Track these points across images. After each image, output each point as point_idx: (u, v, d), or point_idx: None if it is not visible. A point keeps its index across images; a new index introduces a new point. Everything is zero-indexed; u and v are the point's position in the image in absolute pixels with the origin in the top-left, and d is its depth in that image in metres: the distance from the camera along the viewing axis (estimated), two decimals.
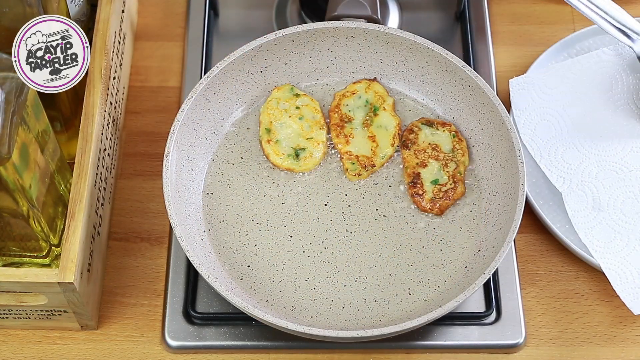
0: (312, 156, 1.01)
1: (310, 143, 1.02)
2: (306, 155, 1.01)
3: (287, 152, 1.01)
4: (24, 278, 0.87)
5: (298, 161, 1.01)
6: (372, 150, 1.01)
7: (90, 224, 0.93)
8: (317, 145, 1.02)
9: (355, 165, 1.00)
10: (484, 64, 1.13)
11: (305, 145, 1.02)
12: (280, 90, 1.04)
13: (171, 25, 1.18)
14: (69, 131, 1.01)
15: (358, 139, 1.02)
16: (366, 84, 1.04)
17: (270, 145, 1.01)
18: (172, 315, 0.98)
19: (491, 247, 0.94)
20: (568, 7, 1.19)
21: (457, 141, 1.01)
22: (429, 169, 1.00)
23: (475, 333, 0.97)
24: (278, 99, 1.04)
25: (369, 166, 1.00)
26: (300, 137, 1.02)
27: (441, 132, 1.02)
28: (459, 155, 1.00)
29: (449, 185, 0.99)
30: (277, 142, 1.02)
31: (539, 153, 1.06)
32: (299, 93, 1.04)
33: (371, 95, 1.04)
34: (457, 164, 1.00)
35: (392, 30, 1.03)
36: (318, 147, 1.02)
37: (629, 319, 0.99)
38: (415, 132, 1.02)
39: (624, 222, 1.01)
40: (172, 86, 1.13)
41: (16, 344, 0.97)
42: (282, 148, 1.01)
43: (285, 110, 1.03)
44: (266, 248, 0.97)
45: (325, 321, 0.94)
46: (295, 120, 1.02)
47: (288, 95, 1.04)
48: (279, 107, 1.03)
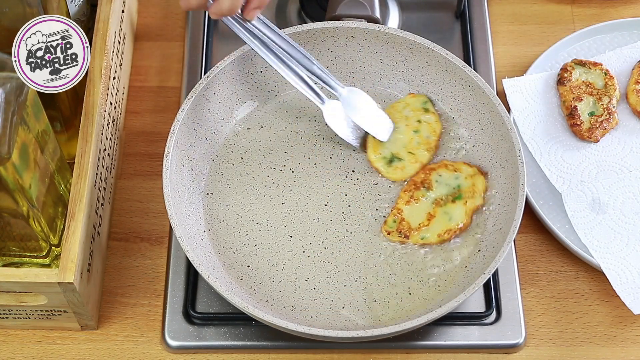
0: (404, 170, 1.00)
1: (409, 157, 1.01)
2: (398, 166, 1.00)
3: (384, 154, 1.01)
4: (24, 278, 0.87)
5: (389, 167, 1.00)
6: (420, 225, 0.97)
7: (90, 224, 0.93)
8: (414, 163, 1.00)
9: (394, 224, 0.97)
10: (484, 64, 1.13)
11: (404, 157, 1.01)
12: (415, 97, 1.04)
13: (171, 25, 1.18)
14: (69, 131, 1.01)
15: (419, 207, 0.98)
16: (474, 171, 0.99)
17: (375, 140, 1.01)
18: (172, 315, 0.98)
19: (491, 247, 0.94)
20: (568, 7, 1.19)
21: (608, 78, 1.08)
22: (585, 103, 1.05)
23: (475, 333, 0.97)
24: (407, 104, 1.03)
25: (404, 235, 0.97)
26: (405, 147, 1.01)
27: (593, 70, 1.08)
28: (611, 90, 1.07)
29: (604, 116, 1.05)
30: (381, 142, 1.01)
31: (539, 153, 1.06)
32: (429, 109, 1.03)
33: (468, 183, 0.99)
34: (610, 97, 1.07)
35: (392, 30, 1.03)
36: (414, 164, 1.00)
37: (629, 319, 0.99)
38: (569, 71, 1.08)
39: (623, 222, 1.01)
40: (172, 86, 1.13)
41: (16, 344, 0.97)
42: (383, 148, 1.01)
43: (406, 117, 1.02)
44: (266, 248, 0.97)
45: (325, 321, 0.94)
46: (409, 130, 1.02)
47: (418, 106, 1.03)
48: (403, 112, 1.03)
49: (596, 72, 1.09)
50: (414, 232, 0.97)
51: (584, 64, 1.10)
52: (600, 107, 1.07)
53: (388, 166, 1.00)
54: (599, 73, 1.09)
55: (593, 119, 1.06)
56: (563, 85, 1.08)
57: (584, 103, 1.07)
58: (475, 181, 0.98)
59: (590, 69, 1.09)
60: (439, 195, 0.98)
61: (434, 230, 0.97)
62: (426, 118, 1.02)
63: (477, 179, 0.99)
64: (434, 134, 1.02)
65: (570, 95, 1.08)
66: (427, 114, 1.03)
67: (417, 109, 1.03)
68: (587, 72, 1.09)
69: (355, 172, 1.02)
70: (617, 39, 1.14)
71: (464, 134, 1.02)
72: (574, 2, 1.20)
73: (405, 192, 0.99)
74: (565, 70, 1.09)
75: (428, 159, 1.01)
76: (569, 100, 1.08)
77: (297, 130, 1.04)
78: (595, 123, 1.06)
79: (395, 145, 1.01)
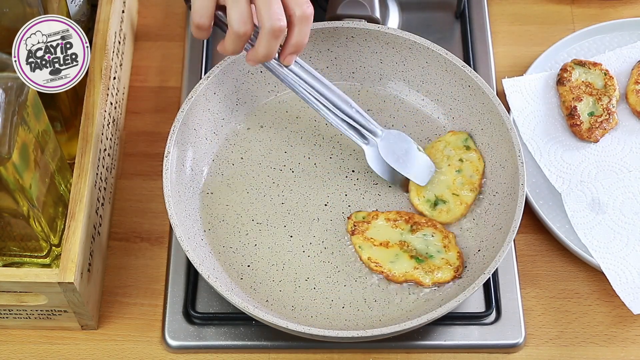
0: (449, 212, 0.98)
1: (454, 199, 0.98)
2: (443, 209, 0.98)
3: (428, 197, 0.98)
4: (24, 278, 0.87)
5: (433, 210, 0.98)
6: (384, 261, 0.95)
7: (90, 224, 0.93)
8: (460, 205, 0.98)
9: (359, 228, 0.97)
10: (484, 64, 1.13)
11: (449, 199, 0.98)
12: (455, 135, 1.01)
13: (171, 25, 1.18)
14: (69, 131, 1.01)
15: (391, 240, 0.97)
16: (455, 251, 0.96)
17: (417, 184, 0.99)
18: (172, 315, 0.98)
19: (491, 247, 0.94)
20: (568, 7, 1.19)
21: (608, 78, 1.08)
22: (584, 103, 1.04)
23: (475, 333, 0.97)
24: (447, 143, 1.01)
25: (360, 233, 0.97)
26: (448, 189, 0.99)
27: (592, 71, 1.08)
28: (611, 90, 1.07)
29: (604, 116, 1.05)
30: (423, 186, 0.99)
31: (538, 153, 1.06)
32: (470, 146, 1.01)
33: (441, 260, 0.95)
34: (610, 97, 1.06)
35: (392, 30, 1.03)
36: (459, 206, 0.98)
37: (629, 319, 0.99)
38: (569, 71, 1.08)
39: (623, 222, 1.01)
40: (172, 86, 1.13)
41: (16, 343, 0.97)
42: (426, 190, 0.99)
43: (448, 157, 1.00)
44: (266, 248, 0.97)
45: (325, 321, 0.94)
46: (451, 171, 1.00)
47: (459, 144, 1.01)
48: (444, 151, 1.01)
49: (596, 72, 1.09)
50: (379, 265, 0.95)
51: (584, 64, 1.10)
52: (599, 107, 1.07)
53: (433, 209, 0.98)
54: (598, 73, 1.09)
55: (593, 119, 1.06)
56: (563, 86, 1.08)
57: (584, 103, 1.07)
58: (449, 257, 0.96)
59: (590, 69, 1.09)
60: (413, 246, 0.96)
61: (397, 269, 0.95)
62: (468, 156, 1.00)
63: (450, 253, 0.96)
64: (477, 173, 0.99)
65: (569, 96, 1.08)
66: (469, 151, 1.00)
67: (458, 147, 1.00)
68: (587, 72, 1.09)
69: (355, 172, 1.02)
70: (617, 39, 1.14)
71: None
72: (573, 2, 1.20)
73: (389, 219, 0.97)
74: (565, 70, 1.09)
75: (472, 200, 0.98)
76: (569, 101, 1.07)
77: (297, 130, 1.04)
78: (595, 123, 1.06)
79: (439, 187, 0.99)
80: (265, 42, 0.88)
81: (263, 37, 0.87)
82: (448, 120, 1.04)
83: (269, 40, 0.88)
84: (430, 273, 0.94)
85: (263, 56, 0.89)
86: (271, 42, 0.88)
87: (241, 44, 0.89)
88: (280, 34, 0.88)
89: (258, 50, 0.89)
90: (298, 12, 0.88)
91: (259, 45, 0.89)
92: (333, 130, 1.03)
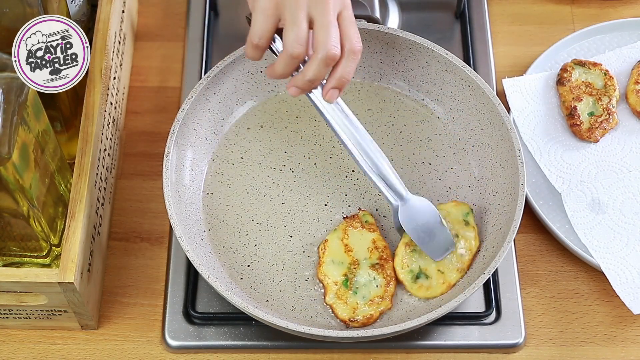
0: (429, 289, 0.93)
1: (437, 276, 0.94)
2: (424, 284, 0.94)
3: (412, 268, 0.94)
4: (24, 278, 0.87)
5: (414, 283, 0.94)
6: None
7: (90, 224, 0.93)
8: (442, 284, 0.93)
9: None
10: (484, 64, 1.13)
11: (432, 275, 0.94)
12: (457, 206, 0.97)
13: (171, 25, 1.18)
14: (69, 131, 1.01)
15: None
16: None
17: (407, 250, 0.95)
18: (172, 315, 0.98)
19: (491, 247, 0.94)
20: (568, 7, 1.19)
21: (608, 78, 1.08)
22: (584, 103, 1.05)
23: (475, 333, 0.97)
24: (448, 213, 0.96)
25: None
26: (436, 265, 0.94)
27: (592, 71, 1.08)
28: (611, 90, 1.07)
29: (604, 116, 1.06)
30: (413, 252, 0.95)
31: (538, 152, 1.06)
32: (469, 222, 0.96)
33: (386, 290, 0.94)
34: (610, 97, 1.07)
35: (392, 30, 1.03)
36: (442, 285, 0.94)
37: (628, 319, 0.99)
38: (569, 71, 1.08)
39: (623, 222, 1.01)
40: (172, 86, 1.13)
41: (16, 343, 0.97)
42: (412, 260, 0.95)
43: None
44: (266, 248, 0.97)
45: (325, 321, 0.94)
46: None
47: (459, 217, 0.96)
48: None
49: (596, 72, 1.09)
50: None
51: (584, 64, 1.10)
52: (599, 107, 1.07)
53: (413, 282, 0.94)
54: (598, 73, 1.09)
55: (593, 119, 1.06)
56: (563, 86, 1.08)
57: (584, 103, 1.07)
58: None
59: (589, 69, 1.09)
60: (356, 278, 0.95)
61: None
62: (465, 234, 0.95)
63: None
64: (469, 252, 0.95)
65: (569, 96, 1.08)
66: (467, 228, 0.95)
67: (458, 221, 0.96)
68: (587, 72, 1.09)
69: (355, 172, 1.02)
70: (617, 39, 1.14)
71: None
72: (573, 2, 1.20)
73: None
74: (565, 70, 1.09)
75: (456, 281, 0.94)
76: (569, 101, 1.08)
77: (297, 130, 1.04)
78: (595, 123, 1.06)
79: (426, 260, 0.95)
80: (315, 67, 0.87)
81: (314, 61, 0.86)
82: (448, 120, 1.04)
83: (319, 65, 0.86)
84: (347, 306, 0.93)
85: (309, 80, 0.88)
86: (321, 68, 0.87)
87: (292, 66, 0.88)
88: (332, 62, 0.86)
89: (306, 74, 0.87)
90: (348, 46, 0.87)
91: (308, 68, 0.87)
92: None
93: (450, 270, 0.94)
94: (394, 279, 0.94)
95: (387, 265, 0.94)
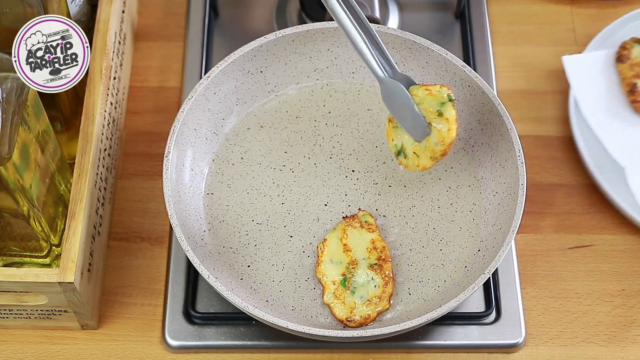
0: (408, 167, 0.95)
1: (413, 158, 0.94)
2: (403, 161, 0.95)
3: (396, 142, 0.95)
4: (24, 278, 0.87)
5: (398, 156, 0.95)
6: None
7: (90, 224, 0.93)
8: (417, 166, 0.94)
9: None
10: (484, 64, 1.13)
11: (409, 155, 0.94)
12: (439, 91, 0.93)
13: (171, 25, 1.18)
14: (69, 131, 1.01)
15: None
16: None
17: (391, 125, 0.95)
18: (172, 315, 0.98)
19: (491, 247, 0.94)
20: (568, 7, 1.19)
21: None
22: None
23: (475, 333, 0.97)
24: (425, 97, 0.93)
25: None
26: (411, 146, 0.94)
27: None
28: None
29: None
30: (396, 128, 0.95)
31: (600, 128, 1.07)
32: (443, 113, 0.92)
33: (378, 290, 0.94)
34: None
35: (392, 30, 1.03)
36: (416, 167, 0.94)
37: (628, 319, 0.99)
38: (628, 49, 1.09)
39: None
40: (172, 86, 1.13)
41: (16, 343, 0.97)
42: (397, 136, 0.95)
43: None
44: (266, 248, 0.97)
45: (325, 321, 0.94)
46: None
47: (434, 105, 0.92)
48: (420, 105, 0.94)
49: None
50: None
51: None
52: None
53: (397, 155, 0.96)
54: None
55: None
56: (622, 63, 1.10)
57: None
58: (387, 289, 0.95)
59: None
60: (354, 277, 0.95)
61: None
62: (436, 124, 0.92)
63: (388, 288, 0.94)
64: (442, 145, 0.92)
65: (629, 73, 1.09)
66: (440, 119, 0.91)
67: (430, 111, 0.92)
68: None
69: (355, 172, 1.02)
70: None
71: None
72: (573, 2, 1.20)
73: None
74: (624, 48, 1.10)
75: (431, 166, 0.94)
76: (629, 78, 1.09)
77: (297, 130, 1.05)
78: None
79: (406, 139, 0.94)
80: None
81: None
82: None
83: None
84: (344, 306, 0.93)
85: None
86: None
87: None
88: None
89: None
90: None
91: None
92: (333, 130, 1.03)
93: (424, 156, 0.94)
94: (392, 279, 0.94)
95: (385, 266, 0.95)
